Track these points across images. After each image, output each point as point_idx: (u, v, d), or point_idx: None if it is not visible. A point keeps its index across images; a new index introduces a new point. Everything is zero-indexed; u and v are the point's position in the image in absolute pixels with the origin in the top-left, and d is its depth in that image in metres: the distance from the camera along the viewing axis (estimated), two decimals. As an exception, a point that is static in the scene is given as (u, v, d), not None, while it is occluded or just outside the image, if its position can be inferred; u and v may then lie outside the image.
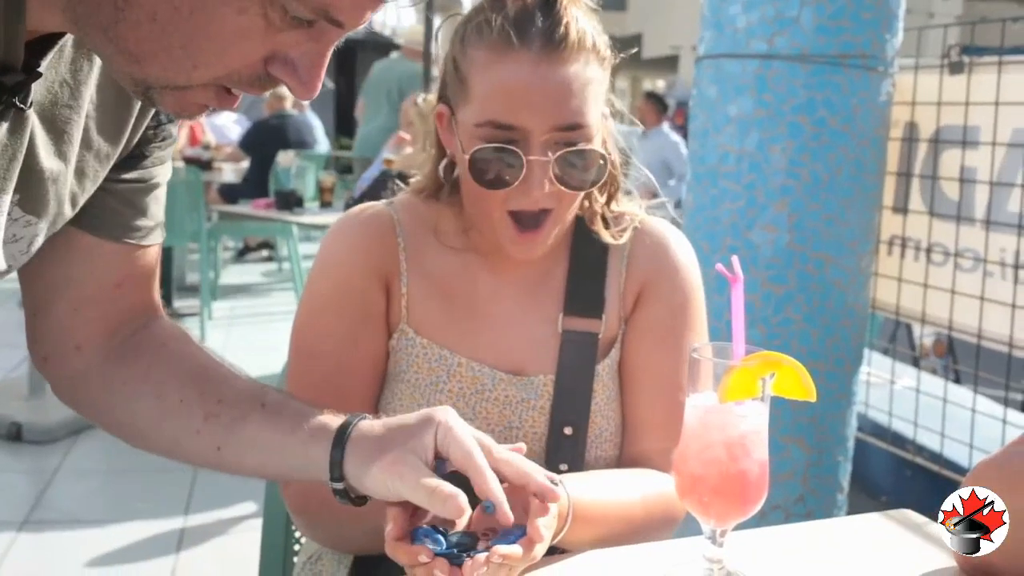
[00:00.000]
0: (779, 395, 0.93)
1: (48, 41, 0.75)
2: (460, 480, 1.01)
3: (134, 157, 0.94)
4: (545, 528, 0.93)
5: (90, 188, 0.90)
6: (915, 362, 4.07)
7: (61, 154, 0.83)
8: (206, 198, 6.05)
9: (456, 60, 1.14)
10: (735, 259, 0.98)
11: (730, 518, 0.94)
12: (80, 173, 0.87)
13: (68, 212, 0.88)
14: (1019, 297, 2.09)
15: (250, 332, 5.83)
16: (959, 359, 4.32)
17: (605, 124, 1.18)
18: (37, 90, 0.76)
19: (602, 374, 1.21)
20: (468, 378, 1.18)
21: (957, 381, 3.91)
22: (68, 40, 0.78)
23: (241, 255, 8.43)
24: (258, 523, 1.49)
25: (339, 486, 0.92)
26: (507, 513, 0.87)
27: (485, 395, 1.18)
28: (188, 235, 5.70)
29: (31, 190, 0.82)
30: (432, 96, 1.26)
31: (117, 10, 0.67)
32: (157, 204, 0.99)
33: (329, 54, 0.73)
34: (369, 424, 0.93)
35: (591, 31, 1.12)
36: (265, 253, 8.46)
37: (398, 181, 1.35)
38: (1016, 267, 2.11)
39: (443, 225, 1.22)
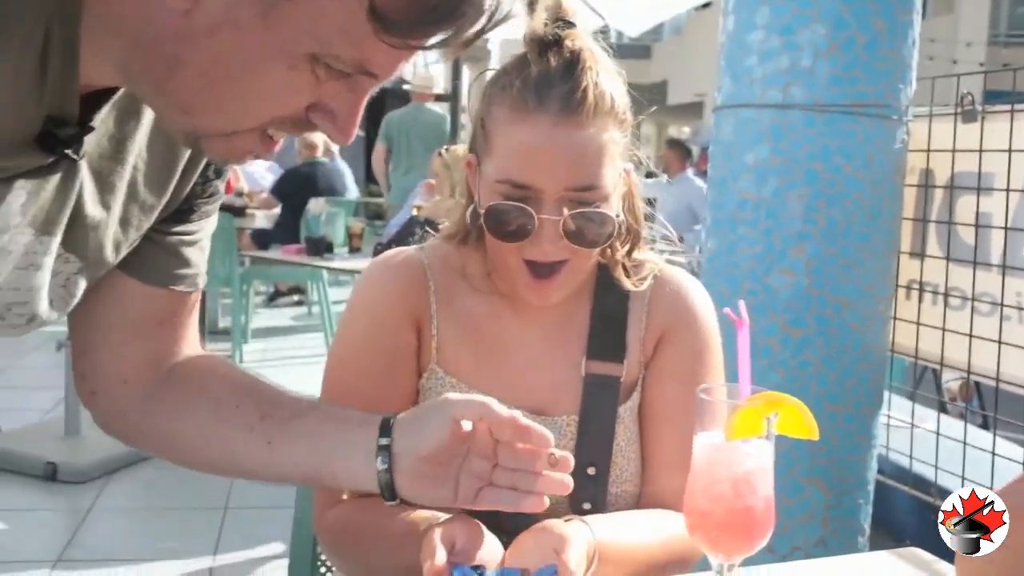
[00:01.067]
0: (783, 434, 0.97)
1: (101, 96, 0.81)
2: (490, 525, 1.06)
3: (183, 211, 1.01)
4: (576, 567, 0.98)
5: (134, 236, 0.96)
6: (941, 406, 4.05)
7: (104, 203, 0.89)
8: (239, 244, 6.16)
9: (482, 116, 1.21)
10: (742, 303, 1.03)
11: (737, 553, 0.98)
12: (124, 223, 0.93)
13: (111, 258, 0.95)
14: (1036, 341, 2.11)
15: (281, 375, 5.91)
16: (987, 403, 4.29)
17: (628, 178, 1.24)
18: (88, 142, 0.82)
19: (624, 416, 1.26)
20: None
21: (984, 426, 3.89)
22: (119, 95, 0.84)
23: (272, 299, 8.54)
24: (285, 563, 1.54)
25: (384, 466, 0.98)
26: (544, 434, 0.96)
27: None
28: (221, 280, 5.81)
29: (74, 232, 0.88)
30: (457, 147, 1.33)
31: (169, 69, 0.72)
32: (202, 254, 1.06)
33: (364, 103, 0.78)
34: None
35: (611, 93, 1.17)
36: (296, 298, 8.57)
37: (425, 228, 1.41)
38: (1032, 311, 2.13)
39: (470, 268, 1.28)
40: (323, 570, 1.52)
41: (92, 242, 0.90)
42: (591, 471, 1.23)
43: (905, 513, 2.84)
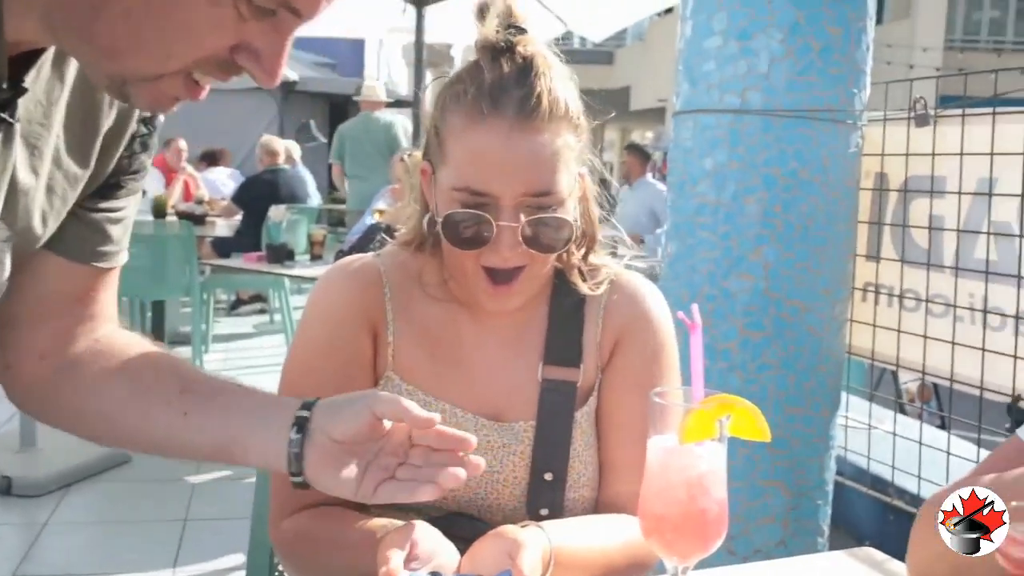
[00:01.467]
0: (736, 436, 0.97)
1: (28, 59, 0.81)
2: (446, 531, 1.06)
3: (109, 187, 1.00)
4: (530, 571, 0.97)
5: (59, 207, 0.95)
6: (900, 407, 4.10)
7: (33, 169, 0.88)
8: (199, 252, 6.10)
9: (436, 123, 1.20)
10: (695, 307, 1.03)
11: (692, 555, 0.98)
12: (50, 191, 0.92)
13: (38, 229, 0.93)
14: (988, 341, 2.15)
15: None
16: (945, 404, 4.36)
17: (583, 182, 1.24)
18: (20, 105, 0.81)
19: (580, 421, 1.26)
20: (451, 424, 1.22)
21: (942, 426, 3.94)
22: (46, 60, 0.84)
23: (234, 308, 8.46)
24: (244, 574, 1.52)
25: (297, 436, 0.97)
26: (464, 437, 0.97)
27: None
28: (181, 289, 5.74)
29: (6, 198, 0.87)
30: (417, 152, 1.32)
31: (92, 9, 0.72)
32: (125, 232, 1.05)
33: (289, 44, 0.78)
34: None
35: (564, 99, 1.17)
36: (258, 306, 8.50)
37: (385, 235, 1.41)
38: (985, 312, 2.17)
39: (427, 276, 1.28)
40: (280, 580, 1.51)
41: (21, 210, 0.89)
42: (548, 476, 1.23)
43: (864, 513, 2.87)
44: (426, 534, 1.04)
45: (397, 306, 1.26)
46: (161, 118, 1.01)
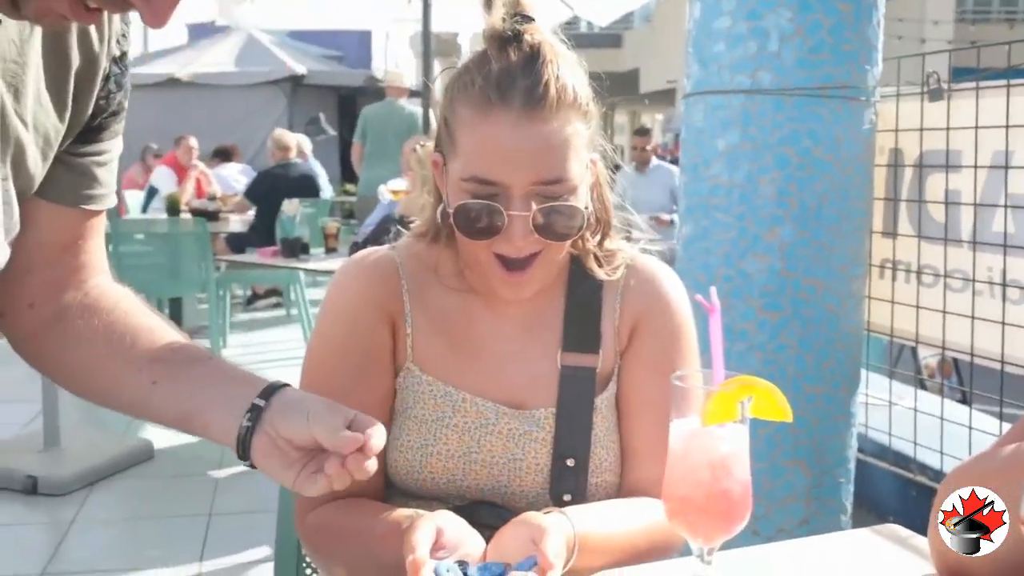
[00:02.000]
0: (757, 417, 0.98)
1: None
2: (470, 520, 1.06)
3: (91, 130, 1.01)
4: (555, 557, 0.98)
5: (46, 150, 0.95)
6: (920, 383, 4.09)
7: (18, 112, 0.89)
8: (214, 248, 6.13)
9: (446, 114, 1.21)
10: (713, 290, 1.03)
11: (716, 536, 0.98)
12: (36, 131, 0.93)
13: (33, 169, 0.94)
14: (1008, 315, 2.14)
15: (260, 378, 5.88)
16: (966, 378, 4.34)
17: (595, 168, 1.24)
18: None
19: (601, 407, 1.26)
20: (472, 413, 1.24)
21: (963, 400, 3.93)
22: None
23: (250, 303, 8.50)
24: (271, 567, 1.53)
25: (248, 424, 0.98)
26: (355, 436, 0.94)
27: (489, 429, 1.23)
28: (197, 285, 5.78)
29: (3, 141, 0.88)
30: (429, 143, 1.32)
31: None
32: (111, 173, 1.07)
33: None
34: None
35: (572, 86, 1.17)
36: (274, 300, 8.53)
37: (399, 226, 1.41)
38: (1004, 285, 2.16)
39: (443, 267, 1.28)
40: (308, 572, 1.52)
41: (16, 149, 0.90)
42: (570, 462, 1.23)
43: (887, 489, 2.86)
44: (452, 523, 1.04)
45: (414, 297, 1.27)
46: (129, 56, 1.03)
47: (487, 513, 1.18)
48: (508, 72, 1.15)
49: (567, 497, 1.22)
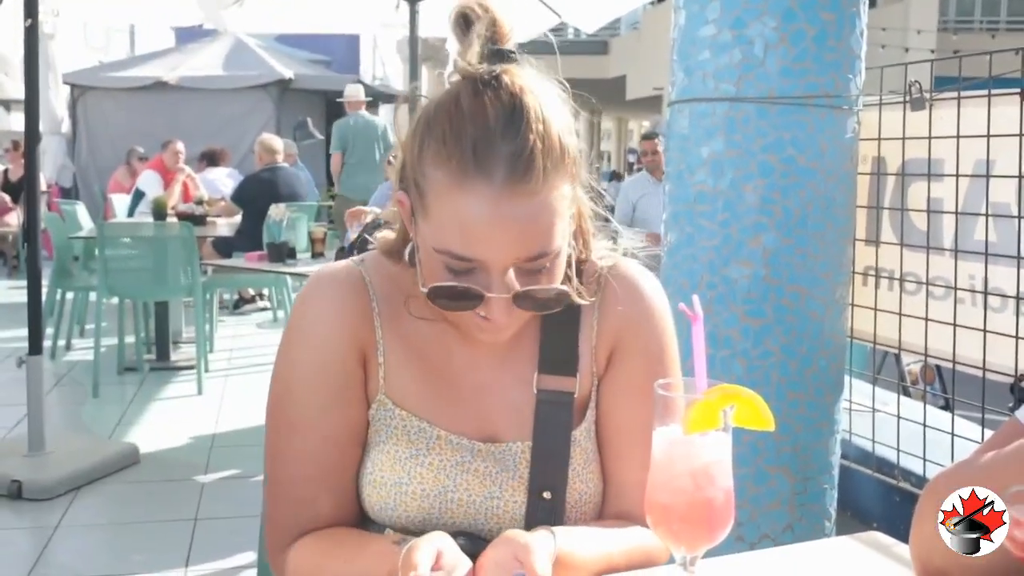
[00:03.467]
0: (740, 426, 0.99)
1: None
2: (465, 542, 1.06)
3: None
4: (542, 571, 0.98)
5: None
6: (903, 390, 4.11)
7: None
8: (200, 252, 6.12)
9: (414, 166, 1.09)
10: (695, 299, 1.04)
11: (699, 545, 0.99)
12: None
13: None
14: (989, 322, 2.16)
15: (247, 383, 5.87)
16: (950, 386, 4.37)
17: (577, 211, 1.16)
18: None
19: (579, 439, 1.21)
20: (447, 451, 1.18)
21: (946, 407, 3.95)
22: None
23: (237, 307, 8.48)
24: (256, 572, 1.53)
25: None
26: None
27: (465, 467, 1.18)
28: (184, 289, 5.76)
29: None
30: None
31: None
32: None
33: None
34: None
35: (559, 140, 1.06)
36: (261, 304, 8.52)
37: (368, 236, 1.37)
38: (986, 293, 2.18)
39: (415, 293, 1.17)
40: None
41: None
42: (547, 495, 1.18)
43: (870, 495, 2.88)
44: (450, 547, 1.02)
45: (386, 322, 1.19)
46: None
47: (465, 544, 1.11)
48: (487, 136, 1.03)
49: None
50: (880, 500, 2.87)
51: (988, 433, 2.29)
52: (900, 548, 1.16)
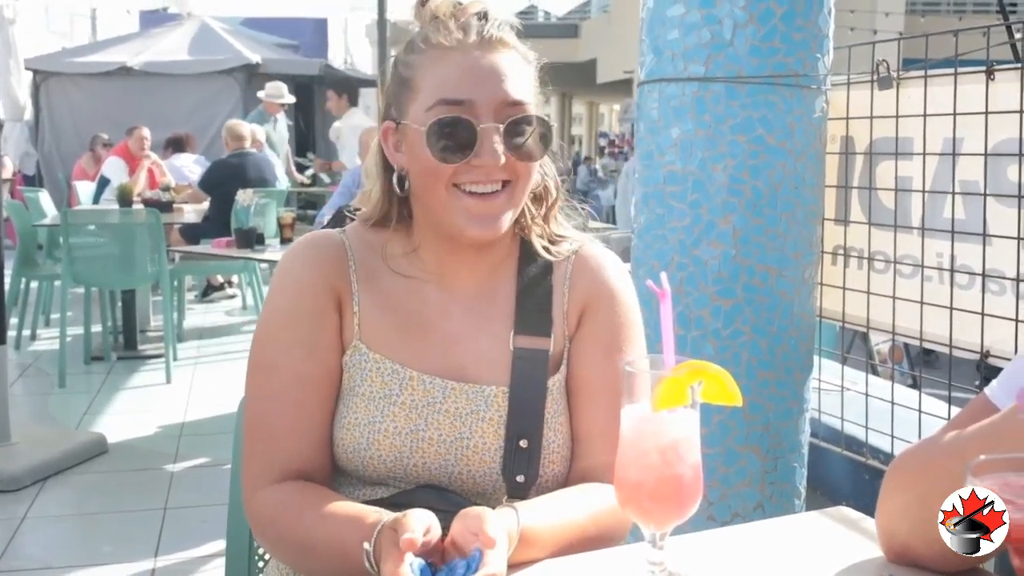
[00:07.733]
0: (708, 401, 0.98)
1: None
2: (411, 498, 1.06)
3: None
4: (495, 533, 0.98)
5: None
6: (872, 369, 4.15)
7: None
8: (167, 239, 6.04)
9: (400, 72, 1.25)
10: (663, 275, 1.04)
11: (668, 521, 0.99)
12: None
13: None
14: (956, 300, 2.17)
15: (216, 371, 5.82)
16: (917, 364, 4.41)
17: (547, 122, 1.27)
18: None
19: (552, 389, 1.27)
20: (419, 390, 1.24)
21: (913, 385, 4.00)
22: None
23: (205, 294, 8.40)
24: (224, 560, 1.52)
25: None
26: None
27: (436, 407, 1.23)
28: (151, 277, 5.69)
29: None
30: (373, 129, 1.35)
31: None
32: None
33: None
34: None
35: (527, 52, 1.27)
36: (229, 291, 8.44)
37: (354, 216, 1.40)
38: (952, 271, 2.19)
39: (391, 249, 1.29)
40: (260, 564, 1.51)
41: None
42: (523, 443, 1.23)
43: (840, 473, 2.90)
44: (435, 523, 1.03)
45: (362, 277, 1.28)
46: None
47: (432, 498, 1.18)
48: (465, 21, 1.23)
49: (520, 478, 1.22)
50: (849, 478, 2.89)
51: (955, 410, 2.31)
52: (867, 523, 1.16)
